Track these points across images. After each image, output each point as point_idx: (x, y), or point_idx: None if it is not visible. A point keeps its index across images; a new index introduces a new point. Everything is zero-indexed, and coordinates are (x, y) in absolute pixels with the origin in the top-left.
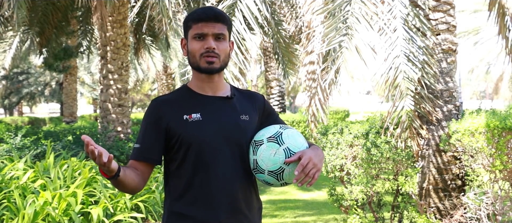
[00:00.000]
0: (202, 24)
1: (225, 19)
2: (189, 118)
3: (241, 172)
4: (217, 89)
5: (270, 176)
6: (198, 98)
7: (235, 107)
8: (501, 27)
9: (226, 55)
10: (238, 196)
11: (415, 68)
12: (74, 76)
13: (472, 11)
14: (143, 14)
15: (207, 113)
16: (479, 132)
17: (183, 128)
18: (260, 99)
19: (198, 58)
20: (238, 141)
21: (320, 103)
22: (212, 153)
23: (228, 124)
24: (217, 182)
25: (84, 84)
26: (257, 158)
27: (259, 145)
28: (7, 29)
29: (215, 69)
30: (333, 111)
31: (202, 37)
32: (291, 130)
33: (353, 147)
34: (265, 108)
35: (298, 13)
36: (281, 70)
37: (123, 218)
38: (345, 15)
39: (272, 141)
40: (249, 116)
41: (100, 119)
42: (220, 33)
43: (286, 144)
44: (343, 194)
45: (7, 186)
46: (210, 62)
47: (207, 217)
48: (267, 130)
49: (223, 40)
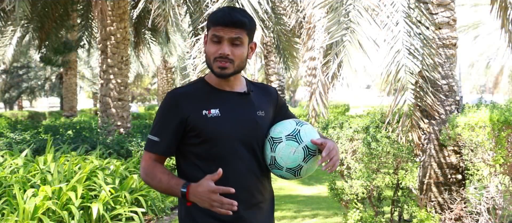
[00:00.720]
0: (220, 27)
1: (243, 24)
2: (208, 113)
3: (257, 167)
4: (234, 86)
5: (288, 173)
6: (216, 94)
7: (252, 103)
8: (504, 21)
9: (242, 60)
10: (253, 191)
11: (416, 61)
12: (74, 70)
13: (472, 5)
14: (143, 8)
15: (225, 109)
16: (479, 126)
17: (202, 123)
18: (274, 93)
19: (212, 61)
20: (255, 137)
21: (320, 97)
22: (230, 148)
23: (246, 120)
24: (235, 177)
25: (84, 78)
26: (275, 155)
27: (278, 143)
28: (8, 23)
29: (226, 75)
30: (333, 105)
31: (219, 40)
32: (307, 127)
33: (353, 142)
34: (278, 102)
35: (299, 7)
36: (281, 64)
37: (123, 213)
38: (347, 9)
39: (291, 139)
40: (264, 111)
41: (100, 113)
42: (237, 38)
43: (305, 142)
44: (343, 189)
45: (7, 180)
46: (222, 68)
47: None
48: (284, 127)
49: (240, 45)
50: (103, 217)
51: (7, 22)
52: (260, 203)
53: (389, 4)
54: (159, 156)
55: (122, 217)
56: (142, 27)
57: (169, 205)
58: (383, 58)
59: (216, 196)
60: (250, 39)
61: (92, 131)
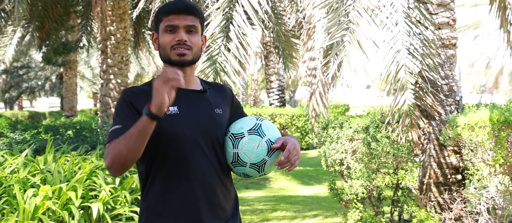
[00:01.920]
0: (173, 16)
1: (197, 12)
2: (166, 111)
3: (218, 165)
4: (189, 83)
5: (252, 169)
6: None
7: (210, 101)
8: (503, 21)
9: (198, 48)
10: (216, 189)
11: (416, 61)
12: (74, 70)
13: (472, 5)
14: (143, 8)
15: (183, 106)
16: (479, 126)
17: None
18: (229, 92)
19: (169, 50)
20: (215, 134)
21: (320, 97)
22: (190, 147)
23: (205, 118)
24: (196, 175)
25: (84, 78)
26: (238, 151)
27: (240, 138)
28: (8, 23)
29: (186, 62)
30: (333, 105)
31: (173, 29)
32: (267, 122)
33: (353, 141)
34: (234, 101)
35: (299, 7)
36: (281, 64)
37: (124, 213)
38: (347, 9)
39: (253, 133)
40: (222, 109)
41: (100, 113)
42: (192, 25)
43: (268, 136)
44: (343, 189)
45: (7, 180)
46: (181, 55)
47: (187, 213)
48: (245, 123)
49: (195, 32)
50: (103, 217)
51: (7, 22)
52: (223, 204)
53: (389, 4)
54: None
55: (122, 217)
56: (142, 27)
57: None
58: (383, 58)
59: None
60: (202, 30)
61: (92, 131)
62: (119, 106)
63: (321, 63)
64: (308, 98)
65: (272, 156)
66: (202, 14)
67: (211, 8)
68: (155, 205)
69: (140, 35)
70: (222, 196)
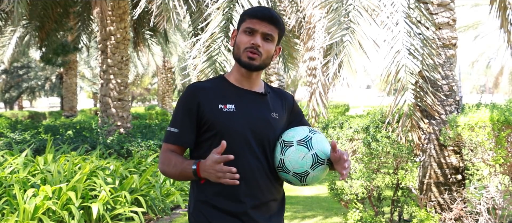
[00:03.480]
0: (256, 21)
1: (279, 23)
2: (224, 107)
3: (266, 166)
4: (253, 85)
5: (294, 177)
6: (233, 90)
7: (268, 104)
8: (503, 21)
9: (268, 57)
10: (262, 188)
11: (416, 61)
12: (74, 70)
13: (473, 5)
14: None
15: (241, 105)
16: (479, 126)
17: (217, 116)
18: (290, 99)
19: (241, 50)
20: (267, 136)
21: (320, 97)
22: (240, 144)
23: (260, 119)
24: (245, 172)
25: (84, 78)
26: (284, 158)
27: (288, 147)
28: (7, 23)
29: (253, 66)
30: (333, 105)
31: (252, 32)
32: (320, 136)
33: (353, 141)
34: (293, 108)
35: (299, 7)
36: (281, 64)
37: (124, 213)
38: (347, 9)
39: (301, 144)
40: (279, 114)
41: (100, 113)
42: (270, 34)
43: (315, 150)
44: (343, 189)
45: (7, 180)
46: (251, 58)
47: (233, 206)
48: (297, 133)
49: (271, 41)
50: (103, 217)
51: (7, 22)
52: (269, 202)
53: (389, 4)
54: (176, 146)
55: (122, 217)
56: (142, 27)
57: (169, 205)
58: (383, 58)
59: (219, 166)
60: (278, 41)
61: (92, 131)
62: (178, 107)
63: (321, 63)
64: (308, 98)
65: (316, 169)
66: (284, 27)
67: (211, 8)
68: (204, 194)
69: (140, 35)
70: (269, 194)
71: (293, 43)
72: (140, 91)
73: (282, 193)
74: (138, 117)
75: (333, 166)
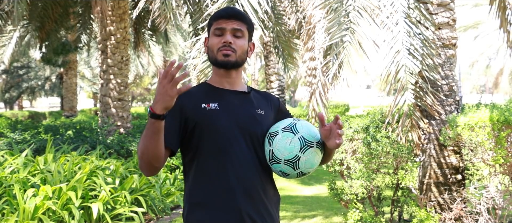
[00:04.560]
0: (222, 20)
1: (244, 18)
2: (207, 107)
3: (257, 162)
4: (234, 85)
5: (287, 165)
6: (216, 91)
7: (252, 102)
8: (502, 21)
9: (243, 52)
10: (254, 183)
11: (416, 61)
12: (74, 70)
13: (473, 5)
14: (143, 8)
15: (224, 104)
16: (479, 126)
17: (201, 116)
18: (275, 100)
19: (215, 52)
20: (254, 132)
21: (320, 97)
22: (228, 141)
23: (244, 115)
24: (233, 169)
25: (84, 78)
26: (273, 148)
27: (275, 136)
28: (7, 23)
29: (230, 63)
30: (333, 105)
31: (221, 32)
32: (304, 121)
33: (353, 141)
34: (280, 108)
35: (299, 7)
36: (281, 64)
37: (124, 213)
38: (347, 9)
39: (287, 130)
40: (264, 111)
41: (100, 113)
42: (238, 29)
43: (301, 133)
44: (343, 188)
45: (7, 180)
46: (226, 55)
47: (226, 203)
48: (281, 122)
49: (241, 37)
50: (103, 217)
51: (7, 21)
52: (263, 199)
53: (389, 4)
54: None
55: (122, 217)
56: (142, 27)
57: (169, 205)
58: (383, 58)
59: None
60: (249, 37)
61: (92, 131)
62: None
63: (321, 63)
64: (308, 98)
65: (306, 152)
66: (251, 22)
67: (211, 8)
68: (196, 195)
69: (140, 35)
70: (261, 191)
71: (293, 43)
72: (140, 91)
73: (276, 192)
74: (138, 117)
75: (327, 149)
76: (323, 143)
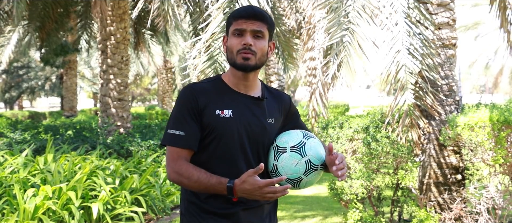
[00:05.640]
0: (242, 21)
1: (265, 18)
2: (221, 113)
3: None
4: (250, 88)
5: (287, 183)
6: (231, 94)
7: (264, 110)
8: (503, 21)
9: (263, 54)
10: None
11: (416, 61)
12: (74, 70)
13: (473, 5)
14: (143, 8)
15: (238, 111)
16: (479, 126)
17: (215, 122)
18: (287, 101)
19: (235, 54)
20: (262, 142)
21: (320, 97)
22: (236, 149)
23: (255, 125)
24: (237, 177)
25: (84, 78)
26: (277, 164)
27: (282, 153)
28: (7, 23)
29: (249, 66)
30: (333, 105)
31: (241, 33)
32: (314, 140)
33: (353, 141)
34: (290, 110)
35: (298, 8)
36: (281, 64)
37: (124, 213)
38: (347, 10)
39: (295, 151)
40: (274, 119)
41: (100, 113)
42: (259, 30)
43: (309, 156)
44: (343, 188)
45: (7, 180)
46: (245, 58)
47: (226, 209)
48: (291, 138)
49: (262, 38)
50: (103, 217)
51: (7, 22)
52: (261, 205)
53: (389, 4)
54: (186, 150)
55: (122, 217)
56: (142, 27)
57: (169, 205)
58: (383, 58)
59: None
60: (270, 37)
61: (92, 131)
62: (180, 108)
63: (321, 63)
64: (308, 98)
65: (309, 175)
66: (272, 21)
67: (211, 8)
68: (195, 196)
69: (140, 35)
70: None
71: (293, 43)
72: (140, 91)
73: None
74: (138, 117)
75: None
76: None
